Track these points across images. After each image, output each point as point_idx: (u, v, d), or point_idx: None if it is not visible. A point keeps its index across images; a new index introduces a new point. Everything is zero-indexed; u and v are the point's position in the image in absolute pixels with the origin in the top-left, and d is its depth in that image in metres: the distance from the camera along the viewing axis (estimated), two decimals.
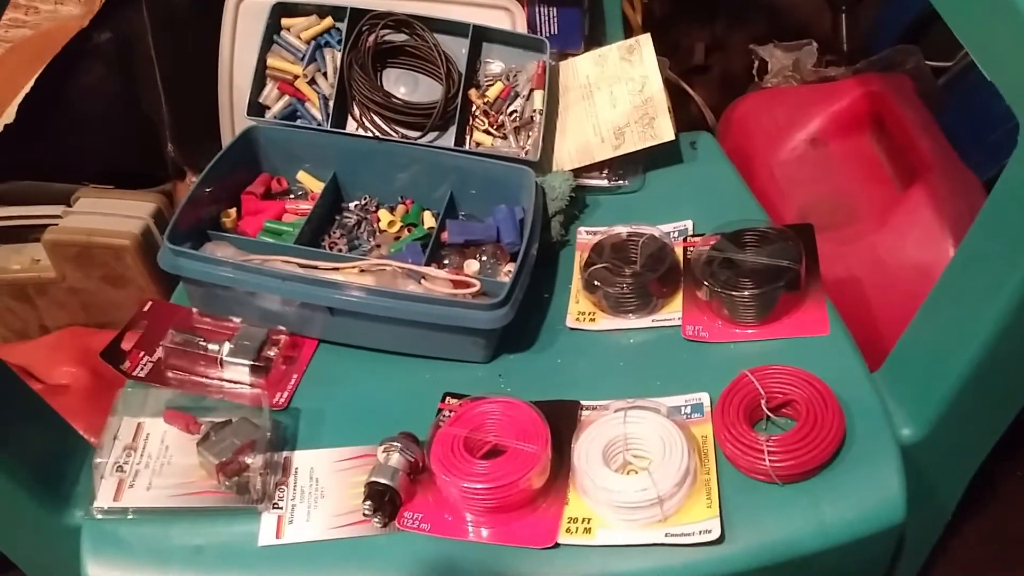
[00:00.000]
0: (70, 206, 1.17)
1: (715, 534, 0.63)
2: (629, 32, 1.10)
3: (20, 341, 1.24)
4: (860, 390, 0.72)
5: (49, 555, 0.71)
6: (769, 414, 0.70)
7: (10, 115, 1.18)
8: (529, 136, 0.95)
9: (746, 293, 0.78)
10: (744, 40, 1.62)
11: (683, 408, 0.73)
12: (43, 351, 1.18)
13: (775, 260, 0.80)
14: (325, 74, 0.96)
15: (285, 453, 0.73)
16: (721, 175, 0.99)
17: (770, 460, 0.65)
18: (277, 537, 0.67)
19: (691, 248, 0.88)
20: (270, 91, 0.96)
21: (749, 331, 0.80)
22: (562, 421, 0.72)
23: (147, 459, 0.70)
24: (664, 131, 0.94)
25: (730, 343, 0.79)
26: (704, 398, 0.73)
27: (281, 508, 0.68)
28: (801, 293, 0.80)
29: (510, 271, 0.87)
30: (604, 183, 0.99)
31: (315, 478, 0.71)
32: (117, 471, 0.69)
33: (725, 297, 0.79)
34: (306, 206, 0.92)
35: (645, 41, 0.95)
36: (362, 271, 0.83)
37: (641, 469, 0.68)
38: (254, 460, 0.68)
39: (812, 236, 0.84)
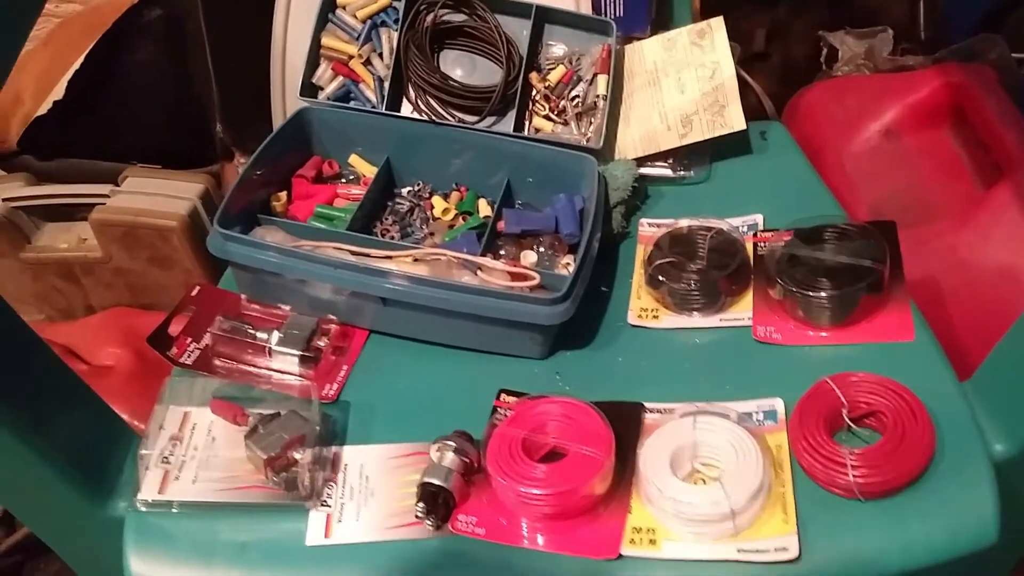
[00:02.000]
0: (118, 185, 1.16)
1: (792, 552, 0.59)
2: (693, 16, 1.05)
3: (65, 321, 1.24)
4: (949, 402, 0.67)
5: (91, 546, 0.69)
6: (851, 424, 0.65)
7: (59, 91, 1.17)
8: (591, 122, 0.91)
9: (824, 294, 0.73)
10: (806, 27, 1.55)
11: (755, 414, 0.69)
12: (88, 331, 1.17)
13: (857, 259, 0.75)
14: (381, 55, 0.93)
15: (334, 448, 0.70)
16: (793, 167, 0.94)
17: (854, 474, 0.61)
18: (326, 537, 0.64)
19: (762, 244, 0.83)
20: (324, 71, 0.93)
21: (824, 334, 0.75)
22: (624, 423, 0.68)
23: (193, 450, 0.68)
24: (735, 120, 0.89)
25: (804, 346, 0.75)
26: (778, 404, 0.69)
27: (330, 506, 0.65)
28: (883, 296, 0.75)
29: (568, 263, 0.84)
30: (668, 173, 0.94)
31: (365, 475, 0.68)
32: (163, 462, 0.66)
33: (800, 297, 0.74)
34: (358, 191, 0.89)
35: (718, 25, 0.90)
36: (416, 260, 0.80)
37: (710, 479, 0.64)
38: (303, 455, 0.65)
39: (895, 234, 0.79)
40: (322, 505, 0.65)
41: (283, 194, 0.88)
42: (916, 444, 0.62)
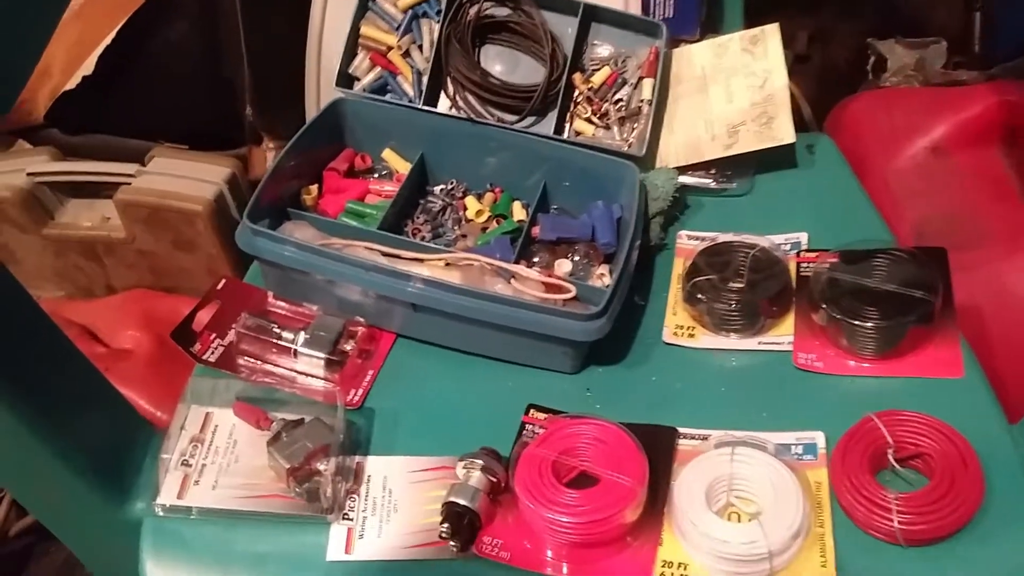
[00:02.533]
0: (144, 165, 1.14)
1: None
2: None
3: (86, 299, 1.22)
4: (998, 446, 0.64)
5: (106, 546, 0.68)
6: (895, 465, 0.63)
7: (89, 66, 1.15)
8: (634, 128, 0.88)
9: (870, 324, 0.70)
10: (851, 32, 1.51)
11: (793, 447, 0.66)
12: (108, 312, 1.16)
13: (907, 289, 0.72)
14: (420, 47, 0.90)
15: (357, 458, 0.68)
16: (840, 184, 0.91)
17: (899, 520, 0.58)
18: (346, 553, 0.62)
19: (805, 264, 0.80)
20: (361, 61, 0.90)
21: (866, 365, 0.72)
22: (657, 449, 0.66)
23: (214, 454, 0.66)
24: (784, 133, 0.86)
25: (846, 376, 0.72)
26: (818, 438, 0.66)
27: (351, 520, 0.64)
28: (932, 328, 0.72)
29: (603, 274, 0.81)
30: (710, 184, 0.91)
31: (388, 488, 0.66)
32: (183, 465, 0.65)
33: (846, 325, 0.71)
34: (391, 188, 0.87)
35: (772, 32, 0.86)
36: (448, 264, 0.77)
37: (745, 514, 0.62)
38: (327, 466, 0.64)
39: (945, 262, 0.76)
40: (344, 519, 0.63)
41: (314, 187, 0.85)
42: (965, 492, 0.59)
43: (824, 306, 0.73)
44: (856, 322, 0.71)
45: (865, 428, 0.64)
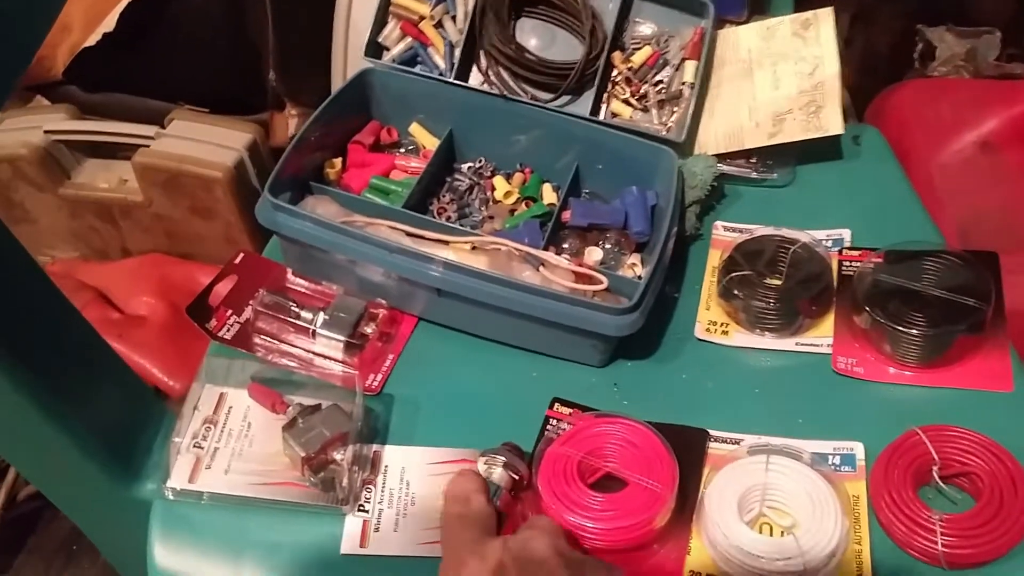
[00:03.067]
0: (163, 127, 1.11)
1: None
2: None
3: (100, 261, 1.21)
4: None
5: (116, 525, 0.66)
6: (940, 482, 0.60)
7: (110, 23, 1.12)
8: (674, 112, 0.84)
9: (916, 331, 0.67)
10: (895, 15, 1.45)
11: (831, 457, 0.63)
12: (124, 276, 1.14)
13: (957, 295, 0.68)
14: (454, 18, 0.86)
15: (375, 447, 0.65)
16: (887, 180, 0.87)
17: (943, 542, 0.55)
18: (361, 546, 0.60)
19: (847, 263, 0.77)
20: (391, 31, 0.86)
21: (908, 373, 0.69)
22: (687, 451, 0.63)
23: (227, 437, 0.64)
24: (832, 123, 0.82)
25: (888, 384, 0.69)
26: (858, 449, 0.63)
27: (367, 512, 0.61)
28: (982, 337, 0.68)
29: (635, 264, 0.78)
30: (749, 173, 0.87)
31: (406, 480, 0.63)
32: (195, 447, 0.62)
33: (890, 330, 0.68)
34: (417, 164, 0.83)
35: (825, 17, 0.82)
36: (474, 248, 0.74)
37: (778, 526, 0.59)
38: (343, 455, 0.61)
39: (997, 268, 0.72)
40: (359, 510, 0.61)
41: (338, 161, 0.82)
42: (1013, 516, 0.56)
43: (868, 309, 0.69)
44: (901, 328, 0.67)
45: (909, 442, 0.61)
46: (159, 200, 1.10)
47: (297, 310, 0.71)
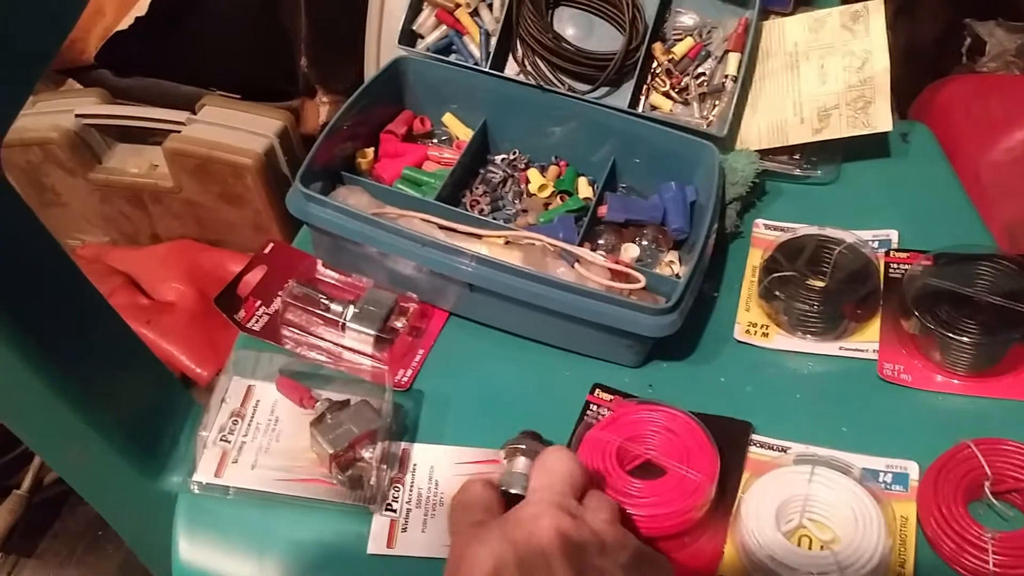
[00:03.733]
0: (194, 113, 1.10)
1: None
2: None
3: (130, 246, 1.20)
4: None
5: (141, 517, 0.65)
6: (992, 498, 0.57)
7: (142, 7, 1.11)
8: (715, 105, 0.81)
9: (967, 339, 0.64)
10: (939, 9, 1.41)
11: (882, 475, 0.60)
12: (153, 262, 1.14)
13: (1012, 302, 0.65)
14: (490, 6, 0.84)
15: (403, 444, 0.64)
16: (937, 179, 0.84)
17: (994, 561, 0.53)
18: (388, 547, 0.58)
19: (895, 265, 0.74)
20: (426, 18, 0.84)
21: (956, 381, 0.66)
22: (729, 443, 0.62)
23: (254, 431, 0.63)
24: (880, 119, 0.79)
25: (937, 393, 0.66)
26: (911, 468, 0.60)
27: (395, 511, 0.60)
28: None
29: (672, 261, 0.76)
30: (792, 170, 0.84)
31: (434, 480, 0.62)
32: (221, 440, 0.61)
33: (940, 337, 0.65)
34: (450, 155, 0.82)
35: (875, 9, 0.78)
36: (508, 242, 0.73)
37: (817, 539, 0.57)
38: (372, 453, 0.60)
39: None
40: (387, 510, 0.60)
41: (370, 151, 0.81)
42: None
43: (917, 314, 0.66)
44: (952, 335, 0.65)
45: (960, 455, 0.58)
46: (189, 186, 1.09)
47: (327, 302, 0.70)
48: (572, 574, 0.45)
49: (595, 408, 0.66)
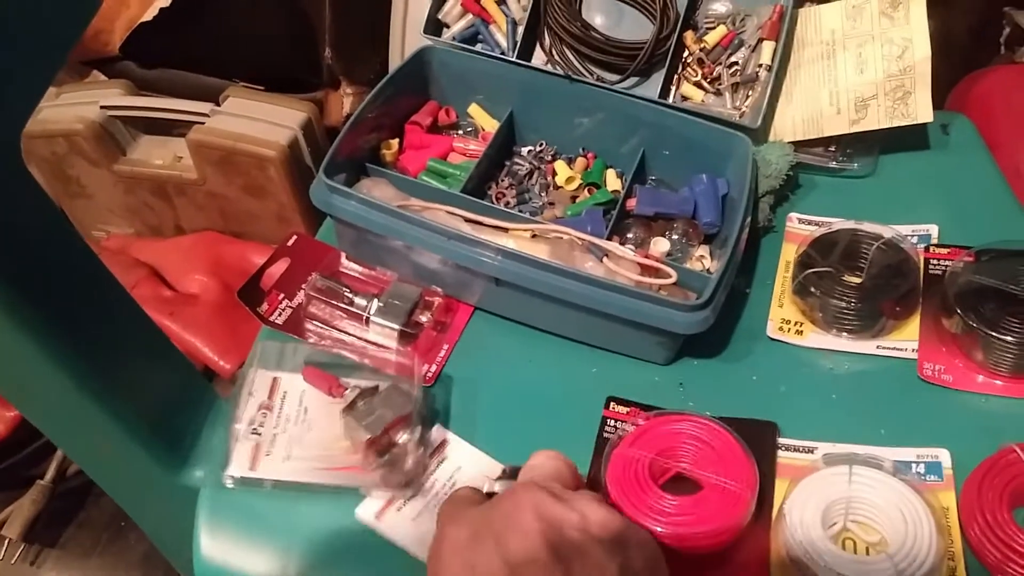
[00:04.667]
0: (218, 104, 1.10)
1: None
2: None
3: (154, 238, 1.20)
4: None
5: (163, 511, 0.65)
6: None
7: None
8: (748, 96, 0.79)
9: (1011, 339, 0.62)
10: None
11: (914, 466, 0.59)
12: (177, 254, 1.13)
13: None
14: None
15: (434, 432, 0.63)
16: (978, 172, 0.81)
17: None
18: None
19: (935, 261, 0.72)
20: (452, 7, 0.83)
21: (999, 383, 0.64)
22: (754, 446, 0.59)
23: (284, 423, 0.62)
24: (921, 110, 0.76)
25: (979, 395, 0.64)
26: (943, 455, 0.59)
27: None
28: None
29: (703, 256, 0.74)
30: (828, 162, 0.82)
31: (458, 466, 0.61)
32: (252, 434, 0.61)
33: (983, 336, 0.63)
34: (476, 147, 0.80)
35: None
36: (534, 236, 0.71)
37: (863, 542, 0.55)
38: (406, 437, 0.59)
39: None
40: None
41: (394, 142, 0.79)
42: None
43: (960, 312, 0.64)
44: (996, 334, 0.62)
45: (1005, 460, 0.56)
46: (213, 178, 1.09)
47: (351, 296, 0.69)
48: (548, 548, 0.43)
49: (612, 423, 0.64)
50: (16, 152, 0.44)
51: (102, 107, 1.09)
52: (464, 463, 0.61)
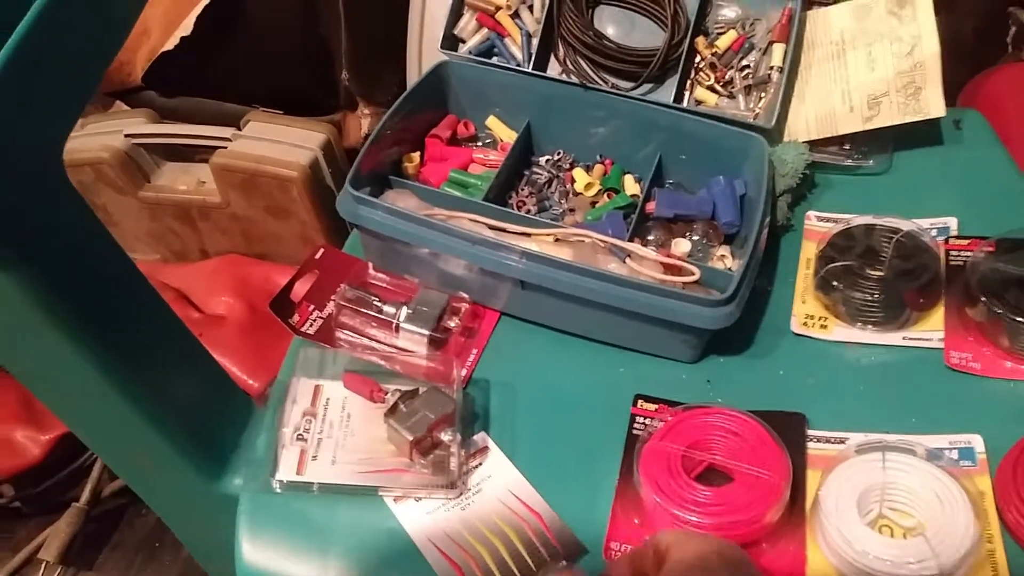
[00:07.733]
0: (240, 129, 1.12)
1: None
2: None
3: (179, 263, 1.22)
4: None
5: (201, 520, 0.66)
6: None
7: (187, 27, 1.13)
8: (762, 97, 0.80)
9: None
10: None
11: (947, 452, 0.59)
12: (202, 277, 1.15)
13: None
14: (531, 7, 0.84)
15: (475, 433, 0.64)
16: (993, 164, 0.82)
17: None
18: None
19: (955, 252, 0.72)
20: (467, 22, 0.85)
21: None
22: (786, 439, 0.60)
23: (329, 428, 0.63)
24: (932, 105, 0.77)
25: (1009, 381, 0.64)
26: (975, 441, 0.59)
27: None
28: None
29: (724, 256, 0.75)
30: (843, 160, 0.83)
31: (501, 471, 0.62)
32: (298, 439, 0.62)
33: (1008, 322, 0.63)
34: (495, 157, 0.82)
35: None
36: (557, 240, 0.72)
37: (899, 527, 0.55)
38: (451, 436, 0.60)
39: None
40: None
41: (416, 155, 0.81)
42: None
43: (984, 300, 0.65)
44: (1021, 319, 0.63)
45: None
46: (236, 201, 1.11)
47: (380, 304, 0.70)
48: None
49: (642, 420, 0.64)
50: (60, 167, 0.46)
51: (126, 135, 1.12)
52: (494, 472, 0.62)
